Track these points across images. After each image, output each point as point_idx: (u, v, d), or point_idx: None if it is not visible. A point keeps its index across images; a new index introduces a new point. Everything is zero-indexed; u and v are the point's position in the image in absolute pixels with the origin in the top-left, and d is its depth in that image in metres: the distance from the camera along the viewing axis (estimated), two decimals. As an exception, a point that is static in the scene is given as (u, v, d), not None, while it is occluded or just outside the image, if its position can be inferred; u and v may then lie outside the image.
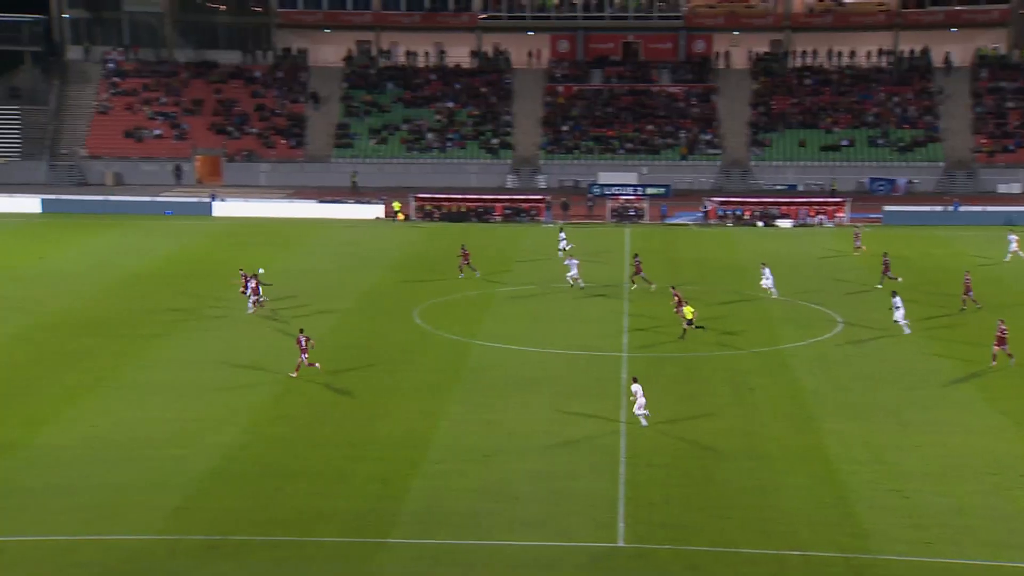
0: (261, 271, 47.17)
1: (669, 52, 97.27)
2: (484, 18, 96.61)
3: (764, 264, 49.91)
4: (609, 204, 73.96)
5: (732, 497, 27.54)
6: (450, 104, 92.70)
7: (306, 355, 36.62)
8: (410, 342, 41.55)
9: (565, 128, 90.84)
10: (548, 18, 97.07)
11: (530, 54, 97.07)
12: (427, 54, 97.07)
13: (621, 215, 72.99)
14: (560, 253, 58.17)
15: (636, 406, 32.20)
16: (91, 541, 24.70)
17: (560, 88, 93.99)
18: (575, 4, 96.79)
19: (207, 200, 74.01)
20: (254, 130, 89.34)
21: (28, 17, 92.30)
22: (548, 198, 74.45)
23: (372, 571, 23.90)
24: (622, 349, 40.80)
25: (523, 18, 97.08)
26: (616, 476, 28.70)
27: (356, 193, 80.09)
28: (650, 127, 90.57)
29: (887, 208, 72.05)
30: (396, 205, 72.31)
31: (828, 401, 34.74)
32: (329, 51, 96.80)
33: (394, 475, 28.59)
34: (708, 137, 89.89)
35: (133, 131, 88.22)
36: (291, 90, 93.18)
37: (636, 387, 32.37)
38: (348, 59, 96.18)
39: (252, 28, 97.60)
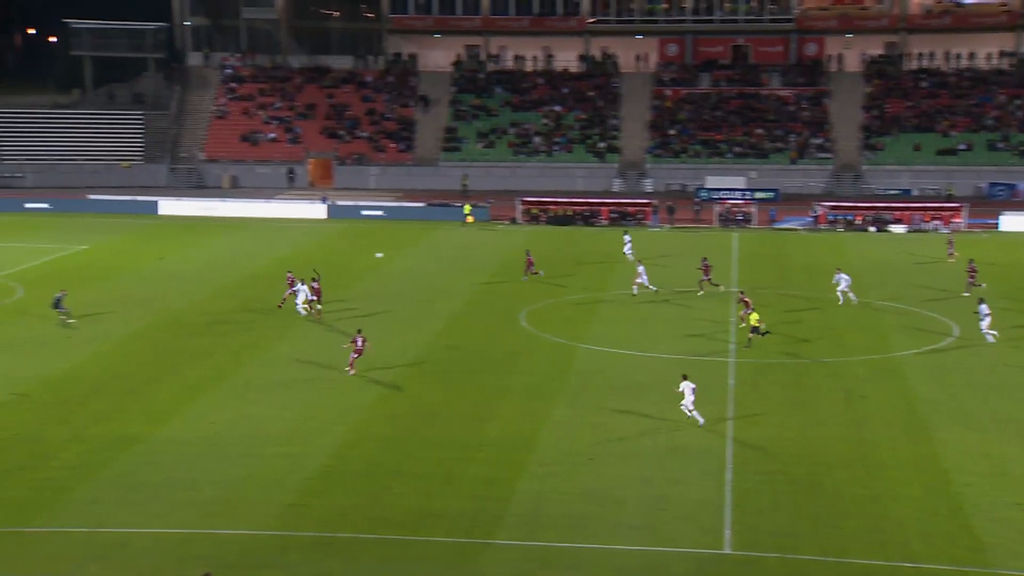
0: (316, 274, 47.22)
1: (780, 55, 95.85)
2: (592, 22, 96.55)
3: (839, 270, 49.02)
4: (716, 208, 73.23)
5: (843, 506, 27.07)
6: (557, 108, 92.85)
7: (356, 355, 37.30)
8: (516, 345, 41.78)
9: (672, 132, 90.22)
10: (657, 22, 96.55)
11: (638, 58, 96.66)
12: (535, 58, 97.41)
13: (729, 220, 72.20)
14: (630, 257, 58.05)
15: (684, 403, 32.15)
16: (208, 535, 25.43)
17: (668, 92, 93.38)
18: (684, 8, 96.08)
19: (319, 202, 75.45)
20: (365, 134, 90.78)
21: (152, 25, 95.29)
22: (654, 202, 74.04)
23: (478, 571, 24.14)
24: (729, 354, 40.39)
25: (632, 22, 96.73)
26: (722, 482, 28.46)
27: (467, 196, 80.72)
28: (759, 131, 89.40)
29: (1005, 215, 69.95)
30: (466, 208, 72.68)
31: (943, 410, 33.88)
32: (439, 56, 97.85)
33: (500, 477, 28.80)
34: (819, 141, 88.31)
35: (249, 135, 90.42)
36: (401, 95, 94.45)
37: (685, 384, 32.29)
38: (457, 63, 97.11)
39: (364, 34, 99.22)
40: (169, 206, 75.26)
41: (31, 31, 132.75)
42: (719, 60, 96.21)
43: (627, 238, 60.05)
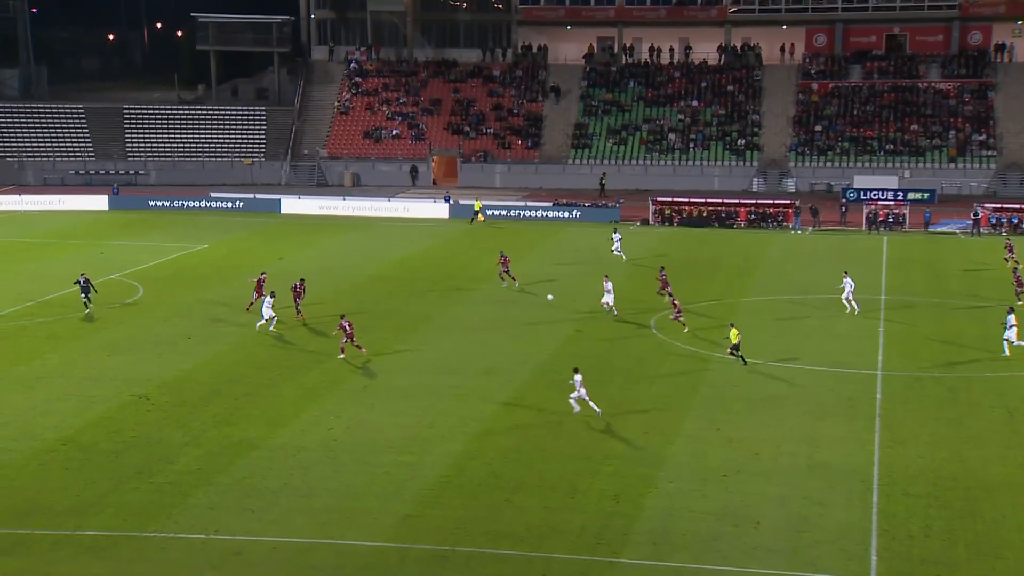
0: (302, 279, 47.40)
1: (939, 45, 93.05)
2: (734, 11, 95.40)
3: (846, 274, 47.80)
4: (865, 210, 71.47)
5: (1004, 534, 26.09)
6: (694, 103, 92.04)
7: (348, 339, 39.66)
8: (646, 353, 41.53)
9: (818, 128, 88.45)
10: (804, 10, 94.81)
11: (782, 49, 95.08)
12: (671, 50, 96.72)
13: (878, 222, 70.38)
14: (623, 257, 57.67)
15: (572, 395, 33.60)
16: (325, 545, 25.91)
17: (814, 85, 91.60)
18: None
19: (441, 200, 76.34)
20: (491, 130, 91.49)
21: (278, 18, 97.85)
22: (797, 203, 72.69)
23: (603, 592, 24.02)
24: (877, 367, 39.36)
25: (777, 11, 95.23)
26: (869, 504, 27.74)
27: (603, 196, 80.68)
28: (914, 127, 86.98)
29: None
30: (477, 204, 72.62)
31: (1118, 434, 32.34)
32: (570, 48, 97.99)
33: (628, 492, 28.64)
34: (982, 137, 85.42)
35: (372, 131, 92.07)
36: (529, 89, 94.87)
37: (578, 378, 33.59)
38: (588, 56, 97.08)
39: (492, 26, 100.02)
40: (290, 205, 77.08)
41: (159, 26, 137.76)
42: (872, 51, 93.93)
43: (616, 236, 59.37)
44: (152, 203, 77.43)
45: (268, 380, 38.21)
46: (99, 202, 76.95)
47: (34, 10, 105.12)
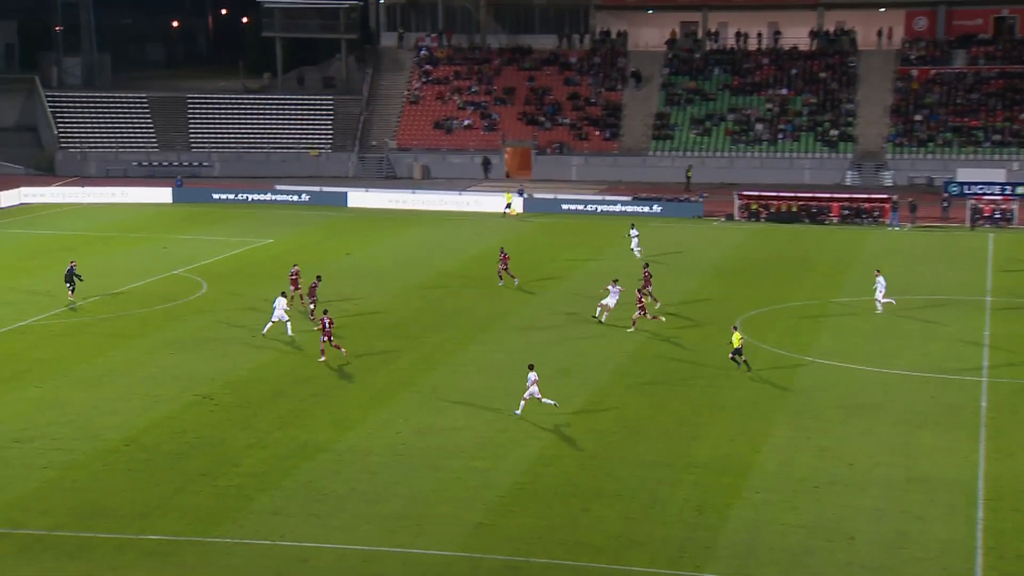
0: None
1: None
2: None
3: (878, 272, 47.08)
4: (969, 205, 70.16)
5: (1119, 557, 25.45)
6: (784, 91, 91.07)
7: (328, 337, 39.62)
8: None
9: (918, 118, 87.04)
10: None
11: (880, 33, 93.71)
12: (760, 35, 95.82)
13: (984, 218, 69.04)
14: (637, 252, 57.32)
15: (526, 393, 34.12)
16: (394, 554, 26.08)
17: (914, 72, 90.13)
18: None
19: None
20: (567, 120, 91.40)
21: (346, 3, 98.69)
22: (894, 197, 71.58)
23: (686, 608, 23.89)
24: (981, 373, 38.64)
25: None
26: (973, 520, 27.26)
27: (689, 190, 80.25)
28: None
29: None
30: (507, 197, 72.44)
31: None
32: (651, 34, 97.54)
33: (712, 503, 28.46)
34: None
35: (442, 121, 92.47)
36: (608, 77, 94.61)
37: (532, 375, 34.21)
38: (671, 42, 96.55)
39: (569, 10, 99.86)
40: (358, 197, 77.72)
41: (224, 12, 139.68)
42: (977, 34, 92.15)
43: (633, 232, 58.92)
44: (216, 196, 78.57)
45: (334, 381, 38.57)
46: (162, 195, 78.32)
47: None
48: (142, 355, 41.12)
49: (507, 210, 72.88)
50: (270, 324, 43.09)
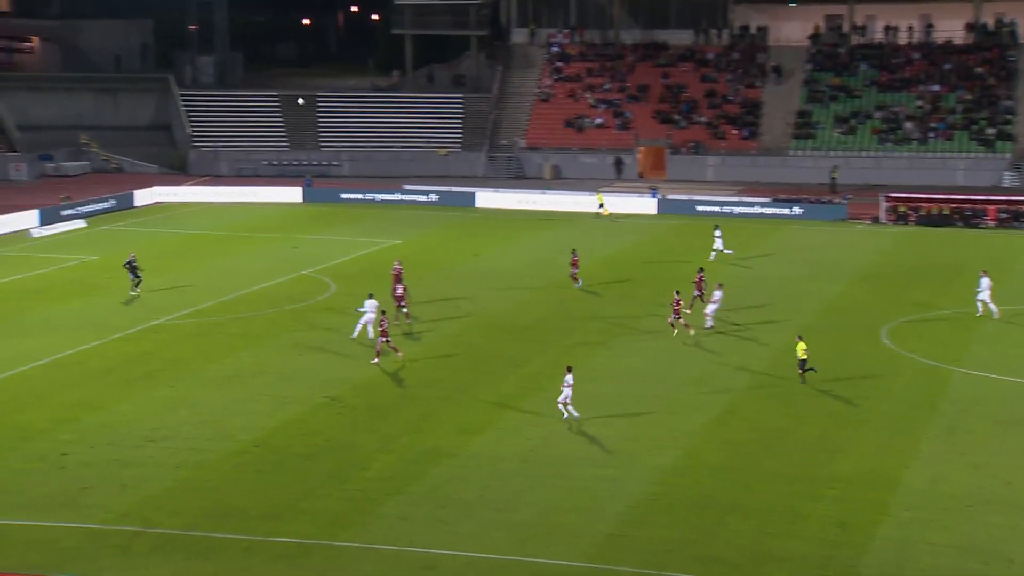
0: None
1: None
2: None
3: (984, 273, 45.60)
4: None
5: None
6: (936, 88, 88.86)
7: (386, 338, 39.77)
8: (877, 365, 40.46)
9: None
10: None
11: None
12: (910, 29, 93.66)
13: None
14: (713, 255, 56.45)
15: (560, 397, 34.16)
16: (522, 563, 26.22)
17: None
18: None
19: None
20: (703, 119, 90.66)
21: (476, 0, 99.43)
22: (1056, 200, 69.36)
23: (827, 629, 23.54)
24: None
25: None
26: None
27: (834, 192, 78.95)
28: None
29: None
30: (599, 198, 71.94)
31: None
32: (793, 28, 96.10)
33: (856, 519, 27.97)
34: None
35: (574, 120, 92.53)
36: (747, 73, 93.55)
37: (569, 377, 34.29)
38: (814, 36, 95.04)
39: (707, 4, 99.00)
40: (486, 198, 78.28)
41: (354, 9, 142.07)
42: None
43: (717, 233, 58.31)
44: (344, 196, 79.97)
45: (463, 385, 38.93)
46: (292, 194, 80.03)
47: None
48: (271, 356, 42.09)
49: (600, 210, 72.82)
50: (360, 327, 43.47)
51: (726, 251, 58.06)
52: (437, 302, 49.81)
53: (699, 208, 74.38)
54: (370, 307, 43.38)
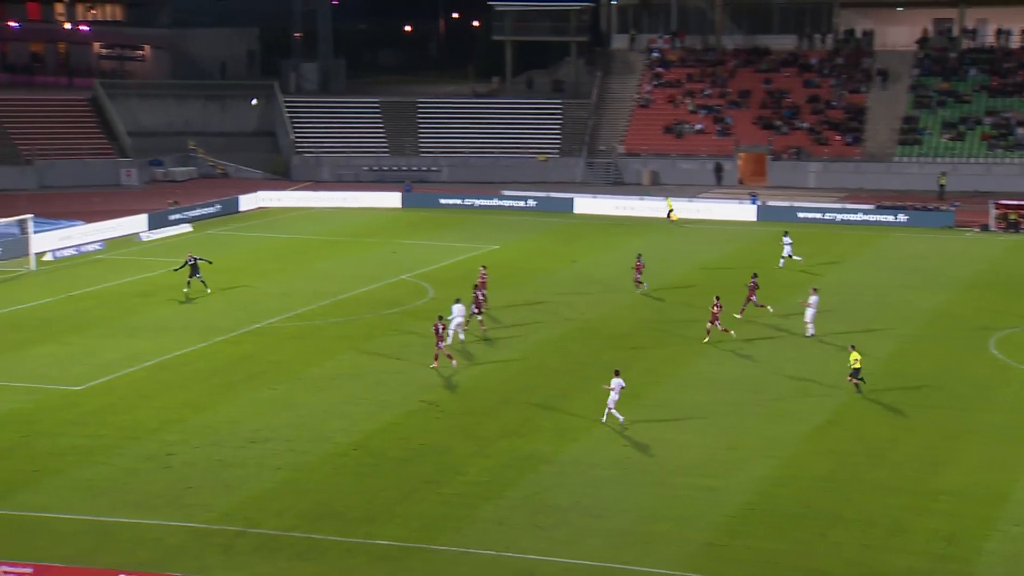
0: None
1: None
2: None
3: None
4: None
5: None
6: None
7: (443, 343, 39.71)
8: (986, 377, 39.61)
9: None
10: None
11: None
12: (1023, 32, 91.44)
13: None
14: (782, 262, 55.78)
15: (609, 401, 34.46)
16: (620, 570, 26.12)
17: None
18: None
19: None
20: (805, 124, 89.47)
21: (577, 5, 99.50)
22: None
23: (931, 646, 23.03)
24: None
25: None
26: None
27: (942, 199, 77.41)
28: None
29: None
30: (669, 203, 71.51)
31: None
32: (900, 32, 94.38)
33: (962, 533, 27.40)
34: None
35: (673, 126, 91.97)
36: (851, 78, 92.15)
37: (616, 381, 34.43)
38: (922, 41, 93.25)
39: (811, 8, 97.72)
40: (584, 204, 78.16)
41: (455, 16, 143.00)
42: None
43: (786, 240, 57.37)
44: (443, 201, 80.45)
45: (559, 390, 38.89)
46: (392, 199, 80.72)
47: (334, 2, 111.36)
48: (369, 359, 42.47)
49: (670, 215, 72.43)
50: (452, 333, 43.42)
51: (795, 258, 57.51)
52: (535, 308, 49.84)
53: (800, 215, 73.35)
54: (457, 312, 43.75)
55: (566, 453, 33.14)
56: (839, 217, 72.87)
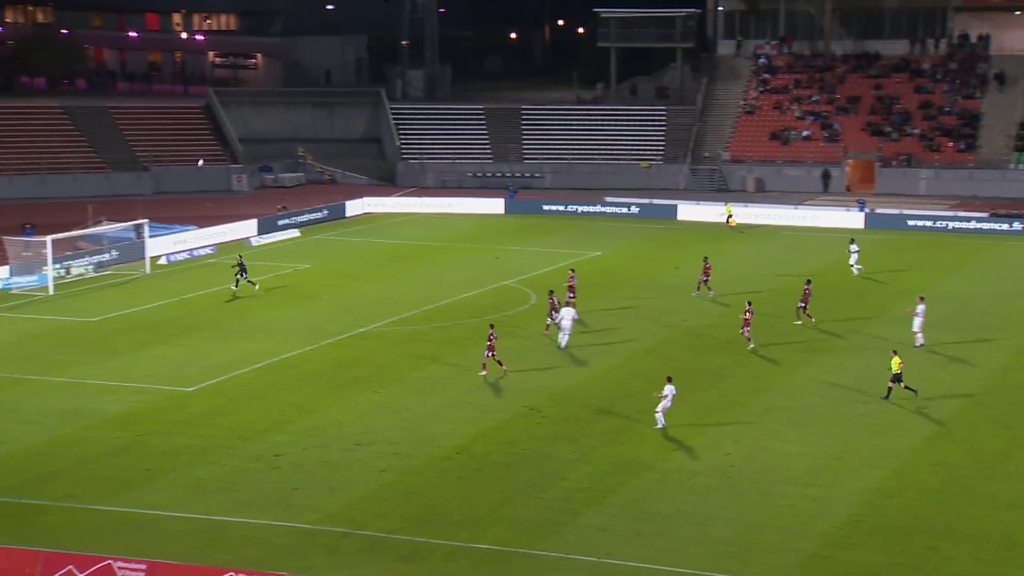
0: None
1: None
2: None
3: None
4: None
5: None
6: None
7: (491, 352, 39.73)
8: (1101, 390, 38.37)
9: None
10: None
11: None
12: None
13: None
14: (855, 270, 55.12)
15: (659, 407, 34.48)
16: (721, 579, 25.95)
17: None
18: None
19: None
20: (916, 131, 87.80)
21: (683, 11, 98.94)
22: None
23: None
24: None
25: None
26: None
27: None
28: None
29: None
30: (728, 209, 70.61)
31: None
32: (1017, 37, 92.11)
33: (1077, 551, 26.61)
34: None
35: (779, 132, 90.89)
36: (965, 84, 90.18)
37: (669, 388, 34.39)
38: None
39: (924, 13, 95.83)
40: (687, 211, 77.65)
41: (560, 23, 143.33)
42: None
43: (853, 247, 56.34)
44: (546, 207, 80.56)
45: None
46: (495, 205, 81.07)
47: (442, 10, 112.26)
48: (473, 363, 42.65)
49: (728, 220, 71.81)
50: (564, 336, 43.81)
51: (856, 266, 56.55)
52: (638, 314, 49.64)
53: (910, 222, 72.00)
54: (567, 315, 43.88)
55: (668, 460, 32.97)
56: (951, 225, 71.40)
